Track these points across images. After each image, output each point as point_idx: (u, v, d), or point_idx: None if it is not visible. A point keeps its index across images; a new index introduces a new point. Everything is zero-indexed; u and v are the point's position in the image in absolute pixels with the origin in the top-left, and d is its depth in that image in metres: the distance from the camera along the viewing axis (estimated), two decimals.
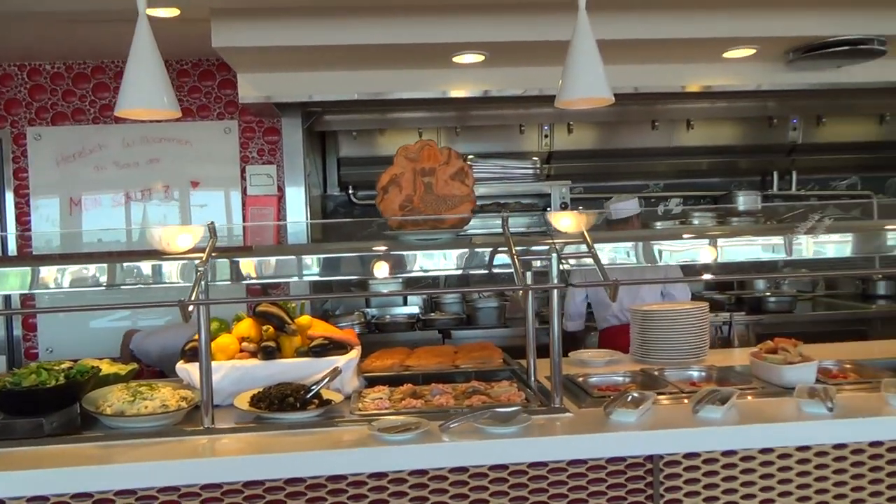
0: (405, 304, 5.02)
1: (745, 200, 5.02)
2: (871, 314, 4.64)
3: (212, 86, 4.46)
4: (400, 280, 4.44)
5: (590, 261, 2.19)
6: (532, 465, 1.95)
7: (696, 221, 4.96)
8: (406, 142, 4.59)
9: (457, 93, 3.77)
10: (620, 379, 2.63)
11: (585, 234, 2.28)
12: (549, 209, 4.70)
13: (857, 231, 2.60)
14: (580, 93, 2.48)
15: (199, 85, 4.46)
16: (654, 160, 5.26)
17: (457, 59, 3.50)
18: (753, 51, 3.56)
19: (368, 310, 4.92)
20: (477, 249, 2.38)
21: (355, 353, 2.44)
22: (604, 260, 2.24)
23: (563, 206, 4.70)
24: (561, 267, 2.30)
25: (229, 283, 2.30)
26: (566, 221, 2.52)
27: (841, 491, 2.05)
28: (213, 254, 2.18)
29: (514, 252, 2.16)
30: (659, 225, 4.92)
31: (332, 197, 5.03)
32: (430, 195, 2.43)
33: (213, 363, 2.21)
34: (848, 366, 2.64)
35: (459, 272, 2.46)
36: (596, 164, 5.21)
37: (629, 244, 2.50)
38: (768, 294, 4.74)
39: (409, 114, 4.67)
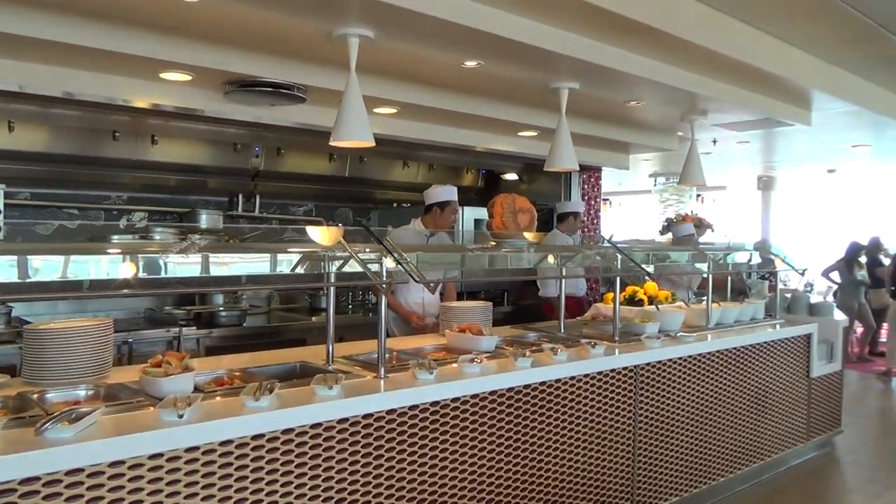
0: None
1: (207, 219, 5.24)
2: (312, 325, 5.31)
3: None
4: None
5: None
6: None
7: (157, 237, 4.95)
8: None
9: None
10: None
11: None
12: None
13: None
14: None
15: None
16: (118, 171, 5.10)
17: None
18: (190, 77, 3.72)
19: None
20: None
21: None
22: None
23: None
24: None
25: None
26: None
27: (193, 491, 2.22)
28: None
29: None
30: (115, 238, 4.76)
31: None
32: None
33: None
34: (237, 373, 2.93)
35: None
36: (47, 168, 4.78)
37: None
38: (221, 308, 5.02)
39: None
